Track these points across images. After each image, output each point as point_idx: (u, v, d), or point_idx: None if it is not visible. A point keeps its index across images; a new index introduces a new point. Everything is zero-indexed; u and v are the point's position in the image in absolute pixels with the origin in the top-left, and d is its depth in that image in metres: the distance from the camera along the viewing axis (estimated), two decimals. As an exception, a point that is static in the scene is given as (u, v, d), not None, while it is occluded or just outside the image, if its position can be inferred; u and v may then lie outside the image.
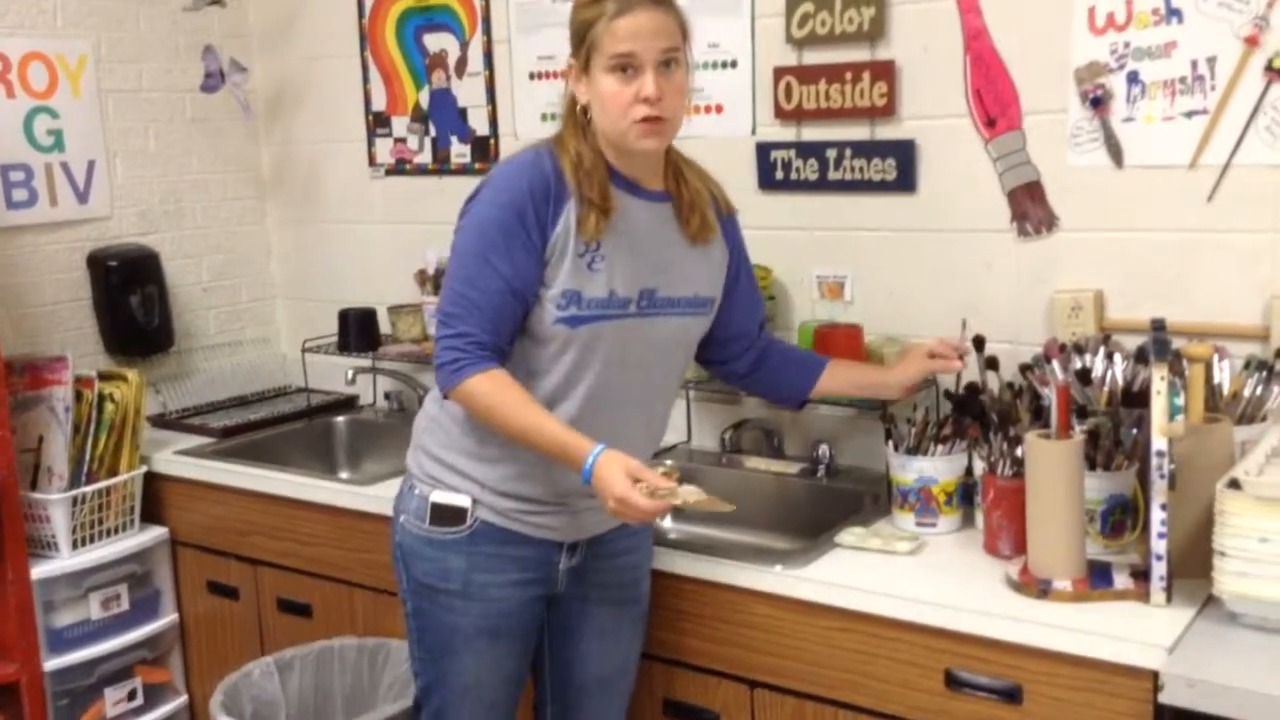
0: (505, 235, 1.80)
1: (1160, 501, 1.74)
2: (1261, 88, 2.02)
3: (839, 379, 2.14)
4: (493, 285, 1.80)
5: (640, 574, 2.08)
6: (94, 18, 3.00)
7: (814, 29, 2.42)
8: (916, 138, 2.36)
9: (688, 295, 1.93)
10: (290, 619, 2.71)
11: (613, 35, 1.76)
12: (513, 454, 1.88)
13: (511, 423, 1.80)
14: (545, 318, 1.83)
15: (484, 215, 1.83)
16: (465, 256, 1.83)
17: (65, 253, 2.98)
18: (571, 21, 1.83)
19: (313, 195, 3.32)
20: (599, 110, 1.82)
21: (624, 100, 1.78)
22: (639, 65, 1.77)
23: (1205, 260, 2.12)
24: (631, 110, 1.78)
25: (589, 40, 1.79)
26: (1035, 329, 2.27)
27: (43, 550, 2.68)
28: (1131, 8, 2.11)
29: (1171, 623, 1.72)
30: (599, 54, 1.78)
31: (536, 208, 1.80)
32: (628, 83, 1.78)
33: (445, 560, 1.93)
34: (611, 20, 1.76)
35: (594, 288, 1.83)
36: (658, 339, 1.92)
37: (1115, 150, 2.16)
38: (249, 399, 3.27)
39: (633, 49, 1.76)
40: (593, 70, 1.80)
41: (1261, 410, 1.99)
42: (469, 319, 1.81)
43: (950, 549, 2.07)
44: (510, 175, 1.85)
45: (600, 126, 1.84)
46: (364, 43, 3.13)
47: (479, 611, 1.93)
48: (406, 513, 1.98)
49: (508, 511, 1.92)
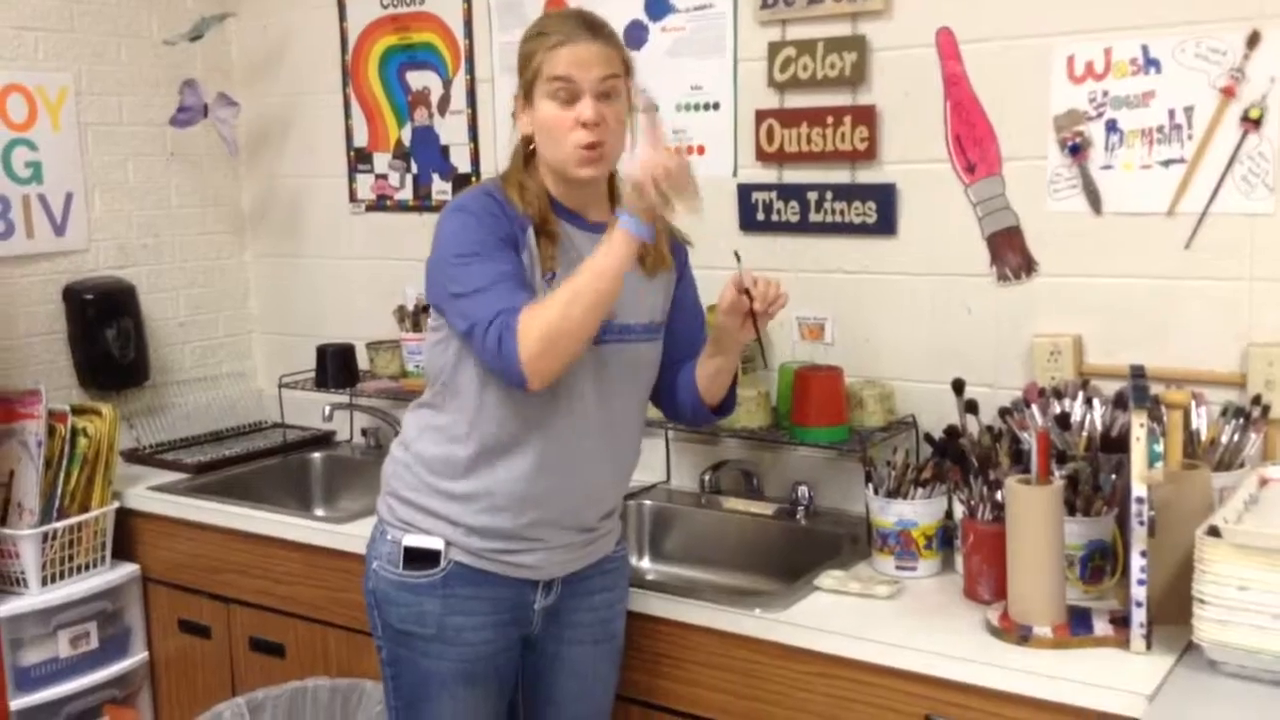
0: (484, 244, 1.79)
1: (1140, 548, 1.74)
2: (1238, 138, 2.05)
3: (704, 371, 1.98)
4: (490, 269, 1.77)
5: (615, 612, 2.07)
6: (75, 50, 2.99)
7: (796, 73, 2.43)
8: (897, 182, 2.37)
9: (643, 322, 1.94)
10: (263, 659, 2.67)
11: (552, 62, 1.82)
12: (485, 483, 1.87)
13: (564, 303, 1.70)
14: None
15: (460, 237, 1.81)
16: (453, 268, 1.80)
17: (41, 285, 2.95)
18: (518, 56, 1.88)
19: (293, 230, 3.31)
20: (541, 139, 1.86)
21: (564, 125, 1.82)
22: (578, 91, 1.81)
23: (1183, 307, 2.13)
24: (571, 135, 1.81)
25: (531, 69, 1.84)
26: (1015, 373, 2.28)
27: (11, 587, 2.63)
28: (1110, 57, 2.14)
29: (1152, 670, 1.71)
30: (540, 81, 1.83)
31: (502, 225, 1.82)
32: (567, 108, 1.81)
33: (420, 604, 1.91)
34: (552, 49, 1.82)
35: None
36: (622, 367, 1.91)
37: (1094, 197, 2.18)
38: (225, 434, 3.24)
39: (570, 73, 1.81)
40: (535, 99, 1.85)
41: (1239, 457, 2.00)
42: (488, 302, 1.74)
43: (930, 593, 2.06)
44: (470, 201, 1.86)
45: (543, 155, 1.87)
46: (347, 79, 3.14)
47: (455, 655, 1.91)
48: (379, 558, 1.96)
49: (481, 552, 1.90)
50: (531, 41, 1.86)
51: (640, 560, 2.61)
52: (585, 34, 1.83)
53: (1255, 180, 2.04)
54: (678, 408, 2.06)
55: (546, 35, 1.84)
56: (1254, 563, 1.63)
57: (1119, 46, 2.13)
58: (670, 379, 2.04)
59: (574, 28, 1.84)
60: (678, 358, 2.04)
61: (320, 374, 3.03)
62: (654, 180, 1.68)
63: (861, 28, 2.37)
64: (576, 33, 1.83)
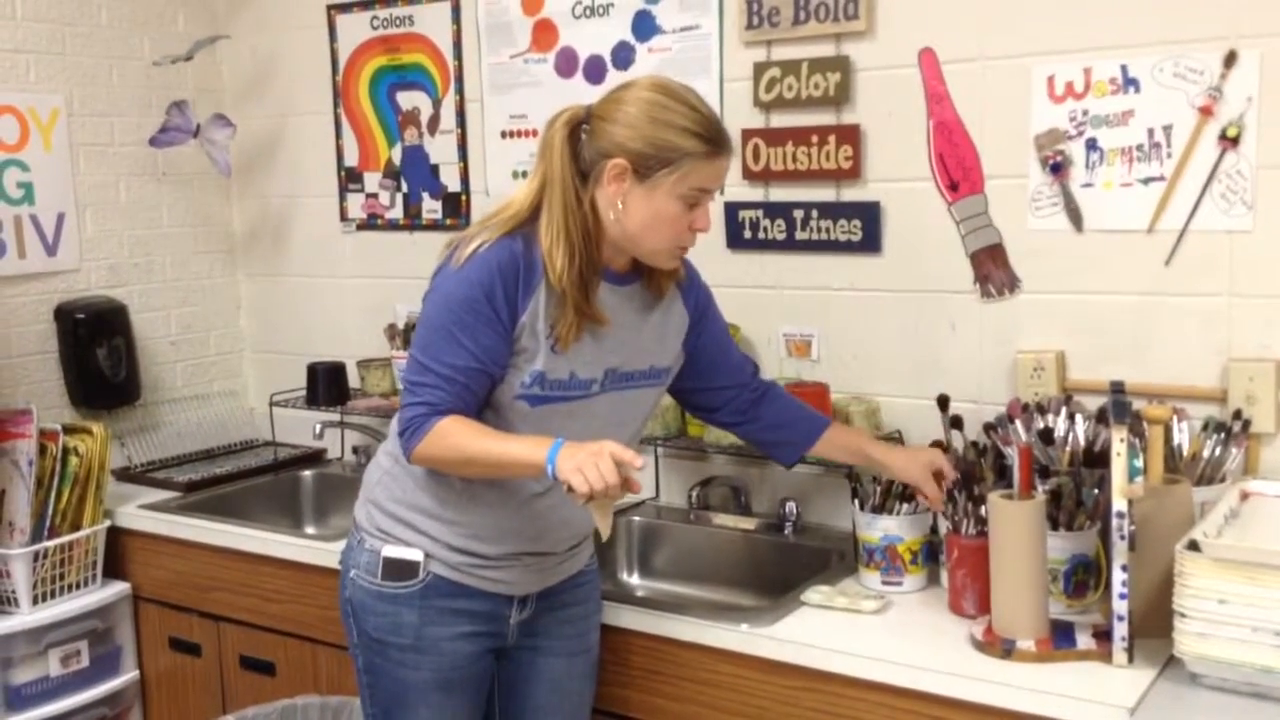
0: (473, 314, 1.79)
1: (1121, 562, 1.76)
2: (1216, 156, 2.07)
3: (837, 445, 2.13)
4: (459, 361, 1.79)
5: (590, 624, 2.08)
6: (66, 72, 3.01)
7: (781, 93, 2.46)
8: (881, 200, 2.40)
9: (643, 369, 1.95)
10: (253, 677, 2.68)
11: (703, 173, 1.79)
12: (468, 516, 1.89)
13: (470, 450, 1.77)
14: (509, 392, 1.84)
15: (452, 292, 1.81)
16: (432, 330, 1.82)
17: (33, 305, 2.97)
18: (645, 135, 1.77)
19: (283, 249, 3.33)
20: (642, 226, 1.80)
21: (680, 226, 1.82)
22: (704, 200, 1.83)
23: (1164, 323, 2.16)
24: (681, 237, 1.84)
25: (666, 159, 1.77)
26: (998, 389, 2.30)
27: (2, 606, 2.64)
28: (1090, 77, 2.17)
29: (1133, 683, 1.73)
30: (678, 180, 1.78)
31: (506, 288, 1.79)
32: (689, 210, 1.81)
33: (397, 615, 1.92)
34: (708, 159, 1.79)
35: (557, 370, 1.83)
36: (613, 412, 1.92)
37: (1075, 215, 2.21)
38: (215, 452, 3.25)
39: (711, 188, 1.82)
40: (656, 187, 1.78)
41: (1220, 471, 2.02)
42: (434, 390, 1.80)
43: (915, 608, 2.08)
44: (488, 256, 1.81)
45: (631, 238, 1.82)
46: (337, 99, 3.16)
47: (431, 665, 1.93)
48: (356, 567, 1.97)
49: (460, 565, 1.92)
50: (684, 137, 1.77)
51: (629, 576, 2.62)
52: (728, 148, 1.82)
53: (1234, 197, 2.07)
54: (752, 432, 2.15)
55: (698, 139, 1.77)
56: (1234, 577, 1.64)
57: (1098, 66, 2.15)
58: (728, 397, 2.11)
59: (725, 141, 1.81)
60: (720, 383, 2.11)
61: (311, 392, 3.04)
62: (592, 488, 1.65)
63: (845, 48, 2.40)
64: (725, 146, 1.81)
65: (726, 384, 2.12)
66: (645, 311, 1.94)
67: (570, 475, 1.66)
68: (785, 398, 2.18)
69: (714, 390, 2.12)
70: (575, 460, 1.67)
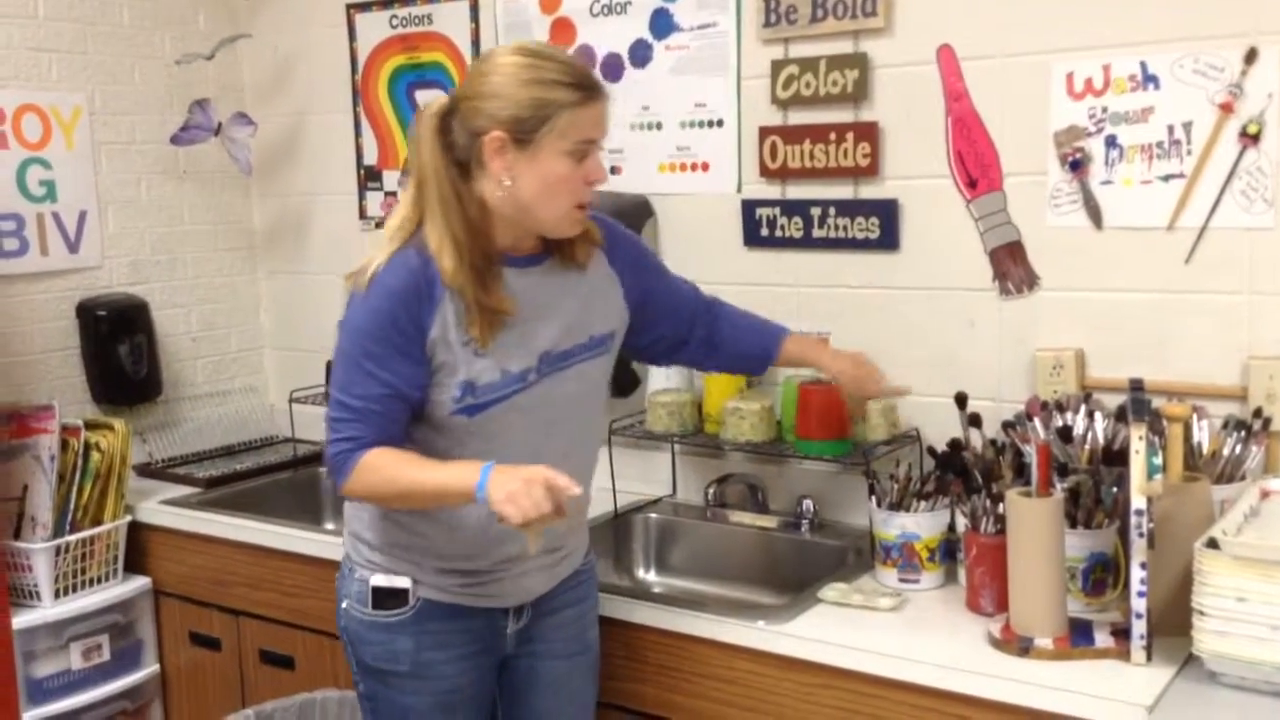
0: (379, 343, 1.75)
1: (1140, 560, 1.75)
2: (1236, 153, 2.06)
3: (790, 353, 2.18)
4: (373, 391, 1.76)
5: (587, 623, 2.06)
6: (89, 71, 3.03)
7: (799, 90, 2.46)
8: (899, 197, 2.39)
9: (582, 341, 1.90)
10: (272, 671, 2.70)
11: (582, 121, 1.75)
12: (443, 530, 1.86)
13: (399, 483, 1.75)
14: (441, 410, 1.80)
15: (356, 323, 1.78)
16: (343, 363, 1.80)
17: (55, 302, 2.99)
18: (516, 99, 1.73)
19: (303, 247, 3.34)
20: (539, 193, 1.76)
21: (575, 183, 1.78)
22: (592, 151, 1.79)
23: (1183, 321, 2.15)
24: (578, 194, 1.79)
25: (539, 119, 1.73)
26: (1017, 387, 2.29)
27: (24, 599, 2.66)
28: (1109, 74, 2.16)
29: (1152, 682, 1.72)
30: (559, 135, 1.74)
31: (408, 309, 1.75)
32: (579, 165, 1.77)
33: (392, 643, 1.90)
34: (581, 107, 1.75)
35: (486, 373, 1.80)
36: (563, 394, 1.88)
37: (1094, 212, 2.20)
38: (236, 449, 3.27)
39: (597, 137, 1.78)
40: (539, 150, 1.74)
41: (1240, 470, 2.01)
42: (354, 424, 1.77)
43: (933, 606, 2.08)
44: (385, 279, 1.77)
45: (524, 206, 1.78)
46: (357, 98, 3.17)
47: (431, 689, 1.91)
48: (349, 597, 1.95)
49: (449, 587, 1.90)
50: (545, 89, 1.73)
51: (645, 573, 2.63)
52: (602, 89, 1.79)
53: (1254, 195, 2.06)
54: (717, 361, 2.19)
55: (569, 88, 1.74)
56: (1253, 574, 1.64)
57: (1118, 63, 2.15)
58: (682, 336, 2.10)
59: (594, 82, 1.78)
60: (671, 328, 2.08)
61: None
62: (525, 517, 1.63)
63: (863, 45, 2.39)
64: (599, 89, 1.78)
65: (683, 320, 2.08)
66: (567, 286, 1.89)
67: (502, 506, 1.63)
68: (736, 314, 2.17)
69: (674, 332, 2.08)
70: (507, 489, 1.63)
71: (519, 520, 1.62)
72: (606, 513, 2.59)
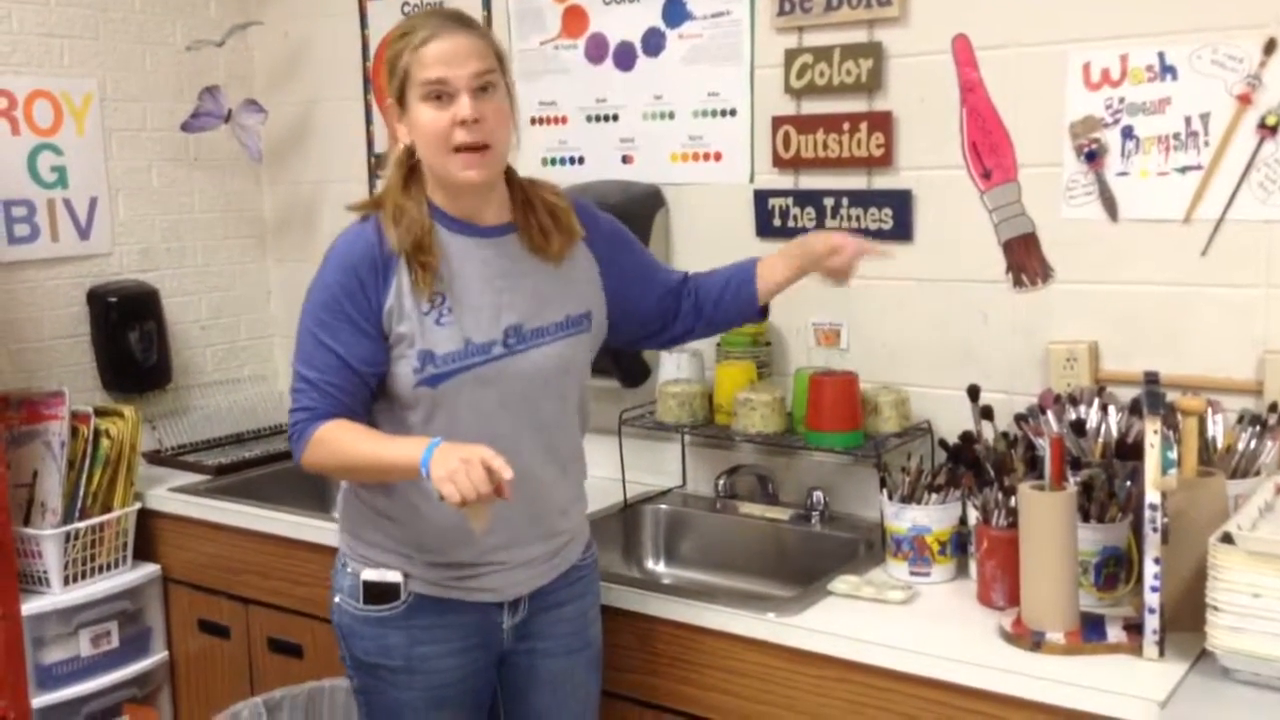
0: (332, 314, 1.78)
1: (1153, 555, 1.74)
2: (1254, 145, 2.05)
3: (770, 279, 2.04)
4: (329, 363, 1.78)
5: (588, 620, 2.04)
6: (100, 57, 3.03)
7: (812, 79, 2.44)
8: (913, 188, 2.38)
9: (558, 319, 1.89)
10: (281, 659, 2.70)
11: (421, 62, 1.74)
12: (420, 517, 1.84)
13: (350, 455, 1.76)
14: (405, 382, 1.80)
15: (314, 295, 1.82)
16: (301, 335, 1.83)
17: (66, 288, 2.99)
18: (385, 61, 1.79)
19: (313, 235, 3.34)
20: (422, 146, 1.78)
21: (441, 127, 1.74)
22: (453, 91, 1.74)
23: (1199, 314, 2.13)
24: (451, 137, 1.75)
25: (399, 73, 1.76)
26: (1030, 379, 2.28)
27: (34, 586, 2.67)
28: (1126, 64, 2.14)
29: (1164, 677, 1.71)
30: (412, 85, 1.75)
31: (363, 281, 1.77)
32: (443, 109, 1.74)
33: (384, 637, 1.88)
34: (419, 48, 1.74)
35: (447, 342, 1.79)
36: (536, 372, 1.86)
37: (1110, 204, 2.18)
38: (245, 437, 3.27)
39: (444, 74, 1.73)
40: (409, 104, 1.77)
41: (1255, 464, 1.99)
42: (309, 394, 1.79)
43: (943, 599, 2.07)
44: (337, 251, 1.81)
45: (426, 163, 1.80)
46: (368, 85, 3.16)
47: (423, 684, 1.89)
48: (341, 592, 1.94)
49: (441, 580, 1.88)
50: (397, 43, 1.77)
51: (655, 564, 2.62)
52: (453, 27, 1.75)
53: (1272, 187, 2.04)
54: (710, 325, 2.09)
55: (411, 34, 1.75)
56: (1268, 570, 1.62)
57: (1135, 53, 2.13)
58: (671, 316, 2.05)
59: (440, 22, 1.76)
60: (659, 309, 2.05)
61: (340, 377, 3.05)
62: (462, 497, 1.60)
63: (878, 34, 2.38)
64: (443, 27, 1.74)
65: (669, 294, 2.05)
66: (536, 260, 1.87)
67: (441, 484, 1.61)
68: (709, 275, 2.09)
69: (660, 307, 2.05)
70: (447, 467, 1.61)
71: (457, 500, 1.60)
72: (616, 503, 2.58)
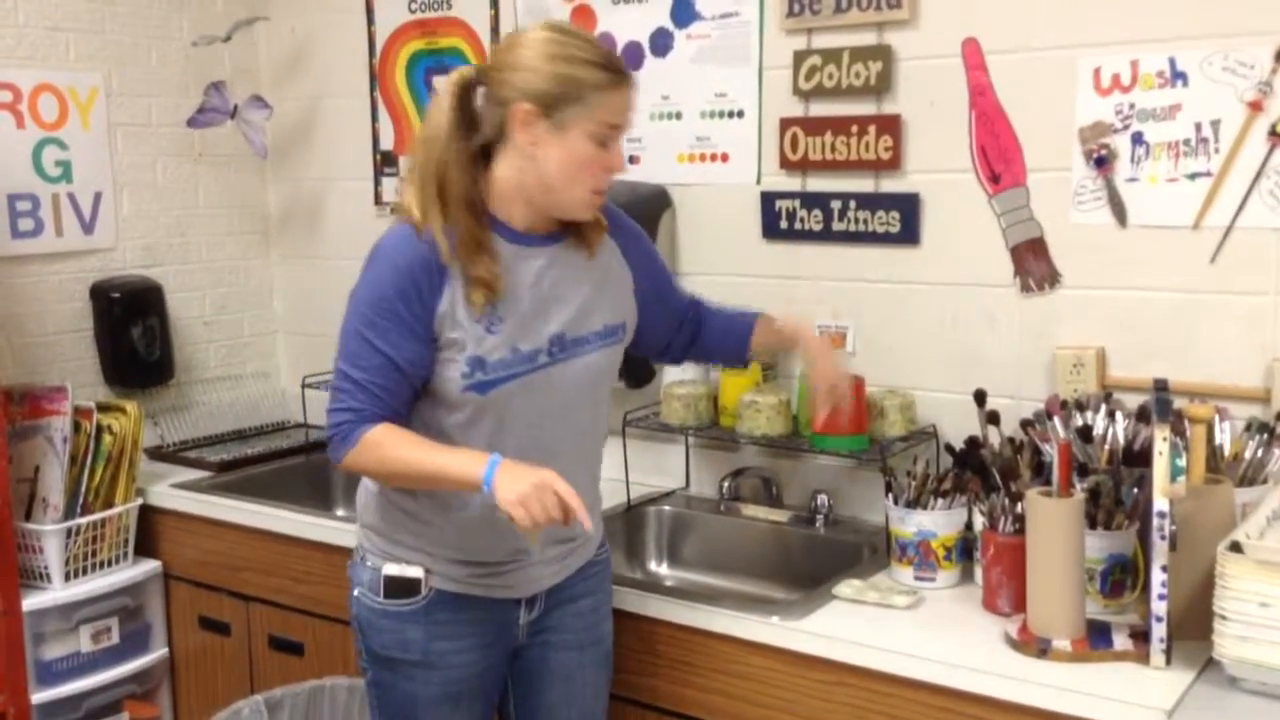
0: (383, 315, 1.76)
1: (1161, 563, 1.73)
2: (1265, 152, 2.04)
3: (760, 343, 2.11)
4: (374, 362, 1.76)
5: (601, 615, 2.05)
6: (106, 52, 3.02)
7: (821, 81, 2.44)
8: (921, 191, 2.37)
9: (597, 329, 1.90)
10: (282, 657, 2.69)
11: (610, 106, 1.76)
12: (452, 521, 1.85)
13: (402, 462, 1.75)
14: (451, 386, 1.79)
15: (362, 295, 1.80)
16: (347, 335, 1.80)
17: (69, 283, 2.98)
18: (545, 73, 1.74)
19: (318, 232, 3.33)
20: (557, 171, 1.77)
21: (595, 167, 1.78)
22: (615, 137, 1.79)
23: (1207, 321, 2.12)
24: (597, 178, 1.79)
25: (572, 95, 1.73)
26: (1037, 385, 2.27)
27: (34, 581, 2.66)
28: (1137, 70, 2.13)
29: (1171, 685, 1.71)
30: (585, 118, 1.75)
31: (418, 284, 1.76)
32: (602, 150, 1.78)
33: (403, 631, 1.89)
34: (610, 90, 1.75)
35: (497, 350, 1.79)
36: (576, 381, 1.87)
37: (1119, 209, 2.18)
38: (248, 433, 3.27)
39: (622, 124, 1.79)
40: (566, 128, 1.75)
41: (1262, 473, 1.99)
42: (355, 395, 1.77)
43: (948, 604, 2.06)
44: (386, 252, 1.80)
45: (539, 183, 1.78)
46: (374, 83, 3.16)
47: (440, 679, 1.90)
48: (360, 585, 1.94)
49: (461, 578, 1.89)
50: (581, 69, 1.74)
51: (658, 566, 2.62)
52: (631, 78, 1.79)
53: (1282, 195, 2.03)
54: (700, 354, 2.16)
55: (599, 70, 1.74)
56: (1276, 579, 1.62)
57: (1146, 59, 2.12)
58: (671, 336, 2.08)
59: (624, 69, 1.78)
60: (665, 329, 2.07)
61: (343, 375, 3.04)
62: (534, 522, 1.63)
63: (887, 37, 2.37)
64: (627, 76, 1.78)
65: (674, 322, 2.08)
66: (582, 270, 1.89)
67: (511, 507, 1.63)
68: (714, 313, 2.14)
69: (665, 332, 2.08)
70: (518, 490, 1.63)
71: (529, 525, 1.63)
72: (619, 504, 2.58)
